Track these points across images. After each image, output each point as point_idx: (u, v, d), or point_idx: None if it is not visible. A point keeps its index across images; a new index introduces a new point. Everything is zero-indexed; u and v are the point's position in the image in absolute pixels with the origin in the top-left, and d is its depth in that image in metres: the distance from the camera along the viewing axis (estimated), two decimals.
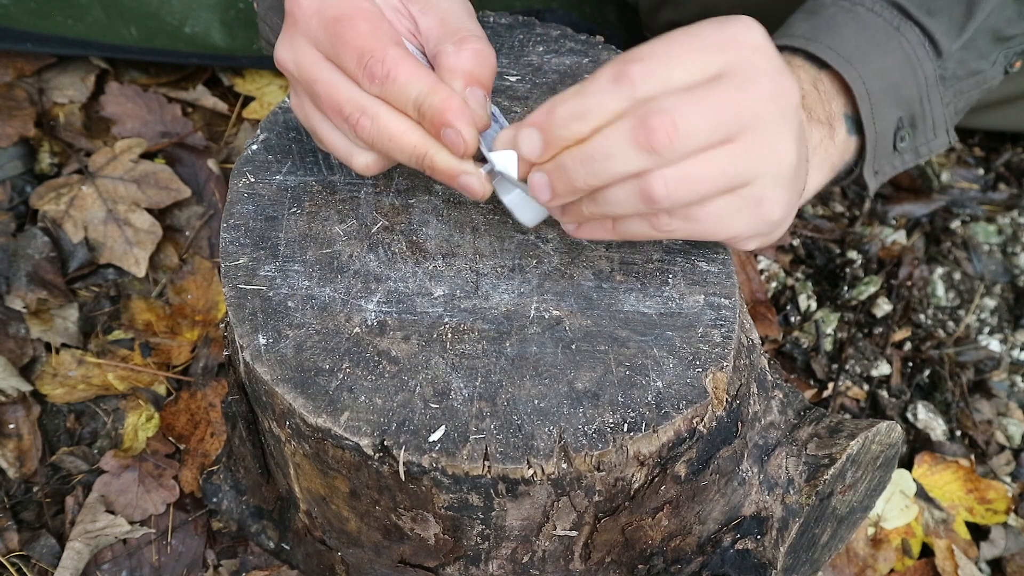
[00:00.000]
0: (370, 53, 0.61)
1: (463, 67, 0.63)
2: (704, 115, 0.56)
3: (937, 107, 0.79)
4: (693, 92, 0.56)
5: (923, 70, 0.77)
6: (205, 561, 1.03)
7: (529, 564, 0.75)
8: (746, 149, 0.58)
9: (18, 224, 1.22)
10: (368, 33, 0.62)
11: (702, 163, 0.57)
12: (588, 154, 0.58)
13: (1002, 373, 1.26)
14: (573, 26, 0.92)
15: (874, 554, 1.09)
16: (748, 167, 0.59)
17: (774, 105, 0.58)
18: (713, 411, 0.67)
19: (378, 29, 0.62)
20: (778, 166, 0.60)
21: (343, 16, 0.62)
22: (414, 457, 0.63)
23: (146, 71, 1.38)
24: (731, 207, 0.60)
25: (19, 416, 1.08)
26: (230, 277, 0.71)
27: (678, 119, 0.55)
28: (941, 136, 0.81)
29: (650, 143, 0.55)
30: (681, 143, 0.56)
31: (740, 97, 0.57)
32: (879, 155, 0.78)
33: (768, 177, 0.60)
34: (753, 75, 0.57)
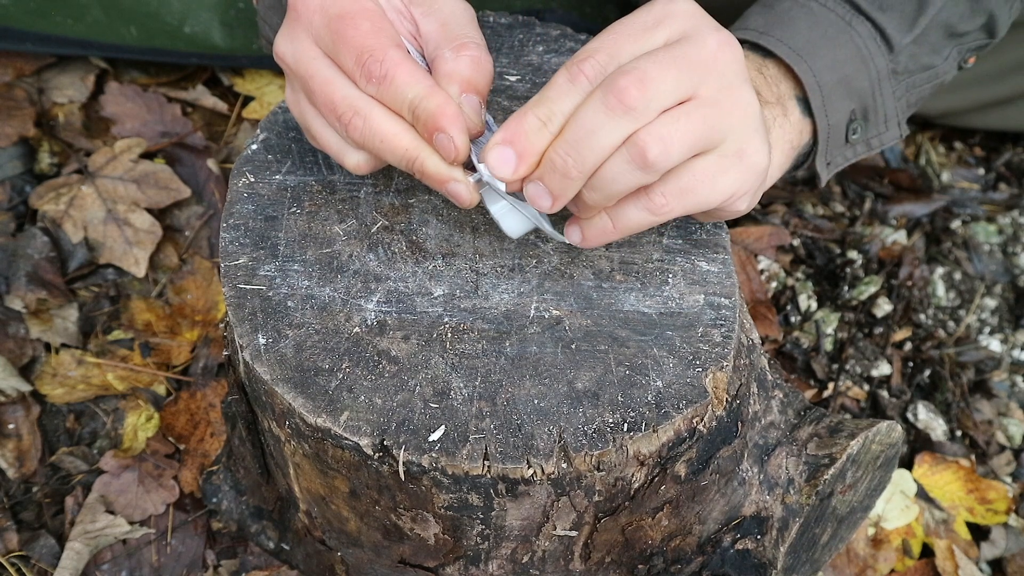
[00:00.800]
0: (369, 52, 0.62)
1: (460, 73, 0.63)
2: (663, 69, 0.57)
3: (889, 100, 0.80)
4: (652, 54, 0.58)
5: (875, 64, 0.78)
6: (205, 561, 1.03)
7: (529, 564, 0.75)
8: (713, 102, 0.60)
9: (18, 224, 1.22)
10: (369, 32, 0.62)
11: (679, 118, 0.58)
12: (571, 140, 0.59)
13: (1002, 373, 1.26)
14: (573, 26, 0.92)
15: (874, 554, 1.09)
16: (720, 118, 0.60)
17: (724, 56, 0.60)
18: (713, 411, 0.67)
19: (380, 29, 0.62)
20: (746, 113, 0.61)
21: (346, 14, 0.62)
22: (414, 457, 0.63)
23: (146, 71, 1.38)
24: (716, 166, 0.61)
25: (19, 416, 1.08)
26: (230, 277, 0.71)
27: (642, 73, 0.57)
28: (893, 129, 0.82)
29: (624, 102, 0.57)
30: (652, 94, 0.57)
31: (691, 52, 0.59)
32: (831, 146, 0.79)
33: (741, 127, 0.61)
34: (697, 35, 0.60)
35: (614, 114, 0.57)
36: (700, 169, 0.61)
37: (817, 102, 0.75)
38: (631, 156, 0.58)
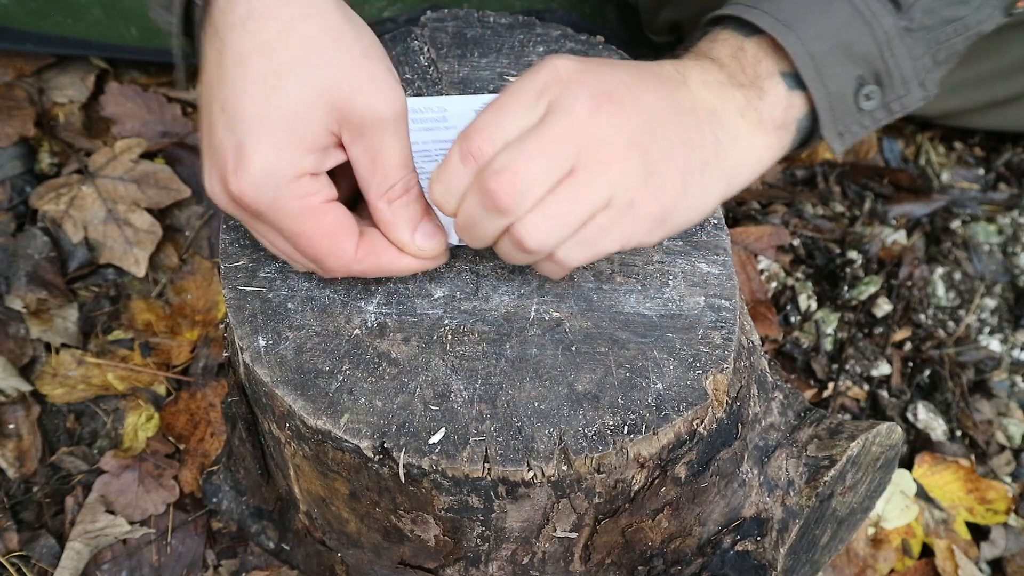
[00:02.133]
0: (336, 270, 0.66)
1: (402, 219, 0.65)
2: (535, 159, 0.59)
3: (905, 61, 0.76)
4: (523, 141, 0.60)
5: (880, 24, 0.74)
6: (205, 561, 1.03)
7: (529, 565, 0.75)
8: (592, 170, 0.61)
9: (18, 224, 1.22)
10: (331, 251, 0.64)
11: (556, 202, 0.60)
12: (462, 225, 0.63)
13: (1002, 373, 1.26)
14: (573, 26, 0.92)
15: (874, 554, 1.09)
16: (600, 185, 0.61)
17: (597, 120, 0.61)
18: (713, 413, 0.67)
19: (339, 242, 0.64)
20: (630, 168, 0.62)
21: (300, 233, 0.63)
22: (414, 459, 0.63)
23: (146, 71, 1.38)
24: (608, 220, 0.63)
25: (19, 416, 1.08)
26: (230, 279, 0.71)
27: (513, 174, 0.59)
28: (915, 90, 0.78)
29: (496, 205, 0.59)
30: (525, 193, 0.59)
31: (562, 127, 0.60)
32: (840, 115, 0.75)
33: (626, 183, 0.62)
34: (569, 103, 0.61)
35: (490, 213, 0.61)
36: (592, 227, 0.62)
37: (809, 72, 0.72)
38: (513, 244, 0.62)
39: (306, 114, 0.61)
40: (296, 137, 0.61)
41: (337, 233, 0.64)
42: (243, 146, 0.60)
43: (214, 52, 0.62)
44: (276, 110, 0.60)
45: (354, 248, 0.65)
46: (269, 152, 0.60)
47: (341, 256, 0.64)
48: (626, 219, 0.63)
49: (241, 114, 0.60)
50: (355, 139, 0.63)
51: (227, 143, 0.61)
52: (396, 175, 0.64)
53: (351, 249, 0.64)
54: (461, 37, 0.88)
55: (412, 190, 0.66)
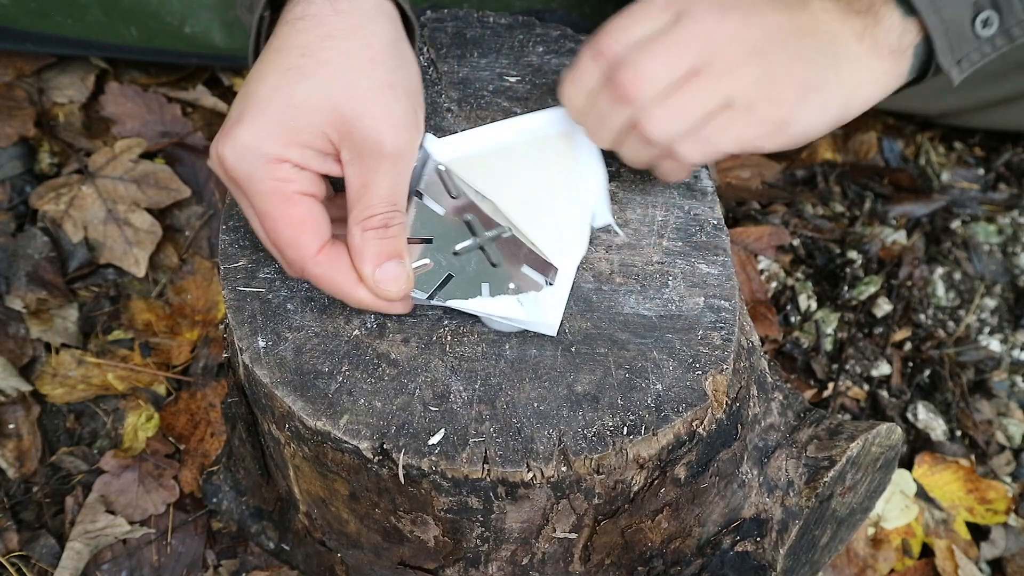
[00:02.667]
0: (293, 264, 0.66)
1: (368, 251, 0.65)
2: (661, 56, 0.66)
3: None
4: (651, 40, 0.66)
5: None
6: (205, 561, 1.03)
7: (529, 566, 0.75)
8: (713, 74, 0.66)
9: (18, 224, 1.22)
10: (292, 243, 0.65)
11: (678, 96, 0.66)
12: (593, 121, 0.70)
13: (1002, 373, 1.26)
14: (573, 26, 0.91)
15: (874, 554, 1.09)
16: (721, 86, 0.67)
17: (722, 30, 0.67)
18: (713, 414, 0.67)
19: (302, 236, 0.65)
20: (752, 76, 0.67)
21: (266, 213, 0.65)
22: (413, 460, 0.63)
23: (146, 71, 1.38)
24: (726, 120, 0.68)
25: (19, 416, 1.08)
26: (229, 279, 0.71)
27: (640, 68, 0.65)
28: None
29: (624, 95, 0.66)
30: (649, 86, 0.65)
31: (687, 33, 0.66)
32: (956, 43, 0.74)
33: (747, 87, 0.67)
34: (696, 11, 0.67)
35: (617, 105, 0.67)
36: (711, 125, 0.67)
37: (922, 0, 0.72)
38: (637, 137, 0.68)
39: (307, 113, 0.64)
40: (289, 127, 0.64)
41: (303, 225, 0.65)
42: (240, 117, 0.64)
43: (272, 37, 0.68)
44: (281, 99, 0.64)
45: (315, 249, 0.65)
46: (258, 129, 0.64)
47: (299, 250, 0.65)
48: (744, 121, 0.68)
49: (253, 93, 0.65)
50: (352, 159, 0.65)
51: (232, 113, 0.65)
52: (380, 207, 0.65)
53: (311, 247, 0.65)
54: (461, 37, 0.88)
55: (391, 228, 0.66)
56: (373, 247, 0.65)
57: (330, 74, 0.65)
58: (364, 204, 0.65)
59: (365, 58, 0.66)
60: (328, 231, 0.66)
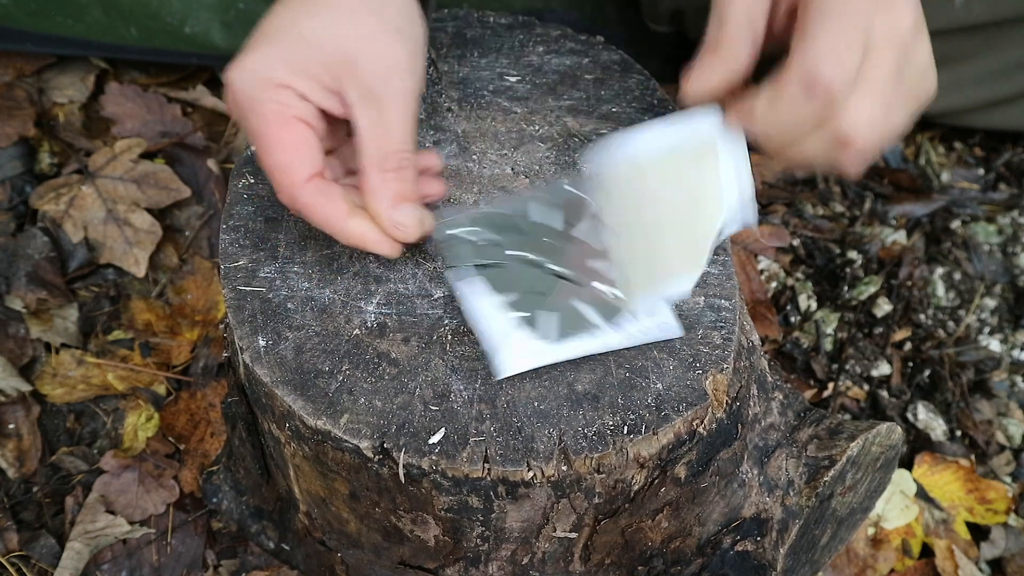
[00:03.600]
0: (282, 188, 0.66)
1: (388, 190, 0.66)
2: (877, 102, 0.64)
3: None
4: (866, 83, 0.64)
5: None
6: (205, 561, 1.03)
7: (529, 566, 0.75)
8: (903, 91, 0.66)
9: (18, 224, 1.22)
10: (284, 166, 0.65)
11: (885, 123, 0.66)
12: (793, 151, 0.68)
13: (1002, 373, 1.26)
14: (573, 26, 0.91)
15: (874, 554, 1.09)
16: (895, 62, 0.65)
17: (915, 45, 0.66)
18: (713, 413, 0.67)
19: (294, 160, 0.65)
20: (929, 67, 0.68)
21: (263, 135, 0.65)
22: (414, 459, 0.63)
23: (146, 71, 1.38)
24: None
25: (19, 416, 1.08)
26: (230, 279, 0.71)
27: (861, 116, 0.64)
28: None
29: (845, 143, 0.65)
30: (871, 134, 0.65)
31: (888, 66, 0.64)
32: None
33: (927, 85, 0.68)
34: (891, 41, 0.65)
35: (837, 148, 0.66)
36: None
37: None
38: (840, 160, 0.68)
39: (316, 46, 0.65)
40: (296, 57, 0.65)
41: (296, 149, 0.65)
42: (252, 45, 0.66)
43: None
44: (291, 31, 0.66)
45: (306, 175, 0.65)
46: (267, 55, 0.65)
47: (290, 174, 0.65)
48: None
49: (265, 26, 0.67)
50: (359, 99, 0.65)
51: (247, 43, 0.67)
52: (395, 146, 0.66)
53: (303, 172, 0.65)
54: (461, 37, 0.88)
55: (406, 171, 0.66)
56: (391, 188, 0.65)
57: (337, 14, 0.66)
58: (378, 144, 0.66)
59: (375, 4, 0.68)
60: (320, 163, 0.66)
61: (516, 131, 0.81)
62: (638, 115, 0.82)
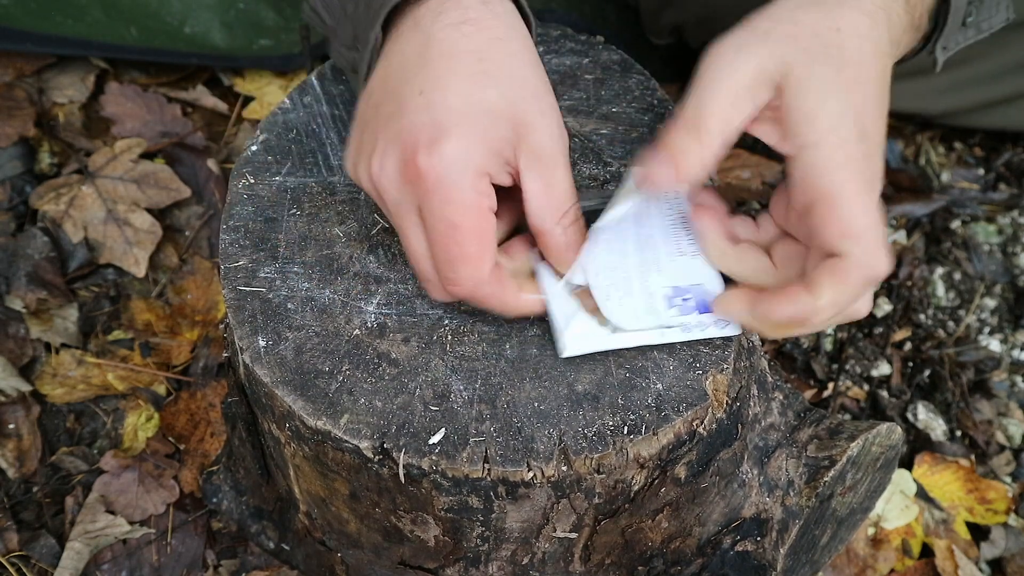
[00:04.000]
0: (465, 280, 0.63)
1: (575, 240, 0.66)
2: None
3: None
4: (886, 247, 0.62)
5: None
6: (205, 561, 1.03)
7: (529, 566, 0.75)
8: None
9: (18, 224, 1.22)
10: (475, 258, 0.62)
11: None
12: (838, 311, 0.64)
13: (1002, 373, 1.26)
14: (573, 26, 0.91)
15: (874, 554, 1.09)
16: None
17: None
18: (713, 413, 0.67)
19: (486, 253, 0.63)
20: None
21: (459, 226, 0.61)
22: (414, 460, 0.63)
23: (146, 71, 1.38)
24: None
25: (19, 416, 1.08)
26: (230, 279, 0.71)
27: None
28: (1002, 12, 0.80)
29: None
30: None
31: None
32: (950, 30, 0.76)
33: None
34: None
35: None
36: None
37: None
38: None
39: (498, 120, 0.62)
40: (489, 136, 0.62)
41: (486, 244, 0.63)
42: (444, 128, 0.61)
43: (415, 44, 0.65)
44: (477, 106, 0.62)
45: (491, 266, 0.63)
46: (468, 139, 0.61)
47: (478, 267, 0.63)
48: None
49: (443, 101, 0.62)
50: (531, 164, 0.63)
51: (423, 122, 0.61)
52: (568, 202, 0.65)
53: (489, 263, 0.63)
54: None
55: (580, 220, 0.66)
56: (574, 239, 0.65)
57: (510, 78, 0.64)
58: (556, 203, 0.64)
59: (529, 59, 0.66)
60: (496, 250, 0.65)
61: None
62: (638, 115, 0.82)
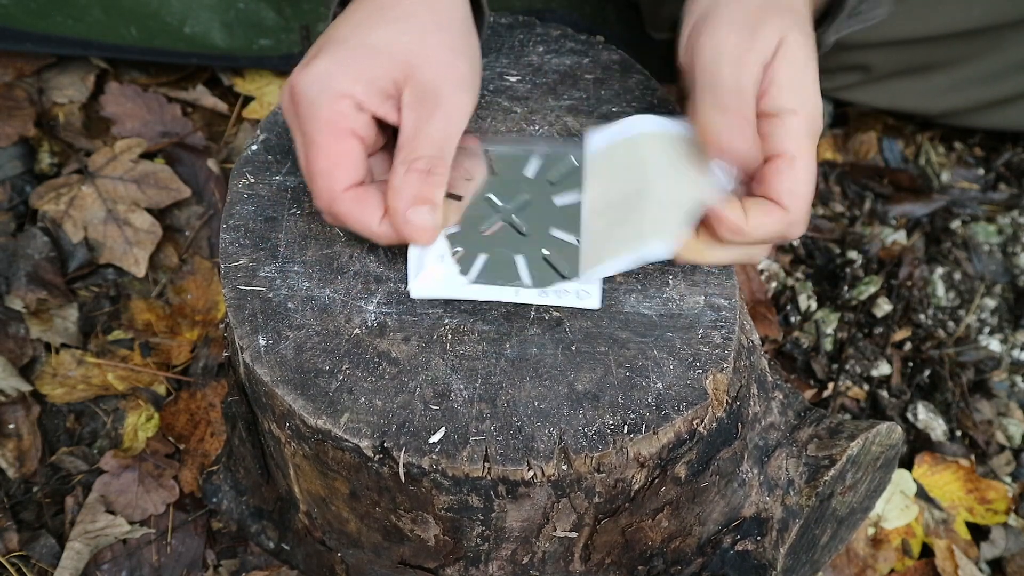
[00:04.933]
0: (321, 194, 0.67)
1: (407, 190, 0.66)
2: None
3: None
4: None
5: None
6: (205, 561, 1.03)
7: (529, 565, 0.75)
8: None
9: (18, 224, 1.22)
10: (326, 173, 0.66)
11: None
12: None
13: (1002, 373, 1.26)
14: (573, 26, 0.91)
15: (874, 554, 1.09)
16: None
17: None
18: (713, 413, 0.67)
19: (337, 170, 0.66)
20: None
21: (313, 142, 0.66)
22: (414, 459, 0.63)
23: (146, 71, 1.38)
24: None
25: (19, 416, 1.08)
26: (230, 278, 0.71)
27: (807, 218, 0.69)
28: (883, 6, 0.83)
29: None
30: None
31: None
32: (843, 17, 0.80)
33: None
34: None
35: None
36: None
37: None
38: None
39: (379, 54, 0.68)
40: (359, 64, 0.67)
41: (341, 160, 0.66)
42: (318, 53, 0.68)
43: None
44: (358, 40, 0.68)
45: (345, 184, 0.66)
46: (332, 63, 0.67)
47: (331, 183, 0.66)
48: None
49: (335, 33, 0.70)
50: (410, 103, 0.68)
51: (311, 50, 0.69)
52: (427, 152, 0.67)
53: (342, 182, 0.66)
54: None
55: (432, 176, 0.67)
56: (413, 188, 0.66)
57: (404, 26, 0.69)
58: (412, 147, 0.67)
59: (433, 20, 0.70)
60: (362, 174, 0.68)
61: (516, 131, 0.81)
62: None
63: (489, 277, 0.70)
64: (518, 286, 0.69)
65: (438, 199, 0.67)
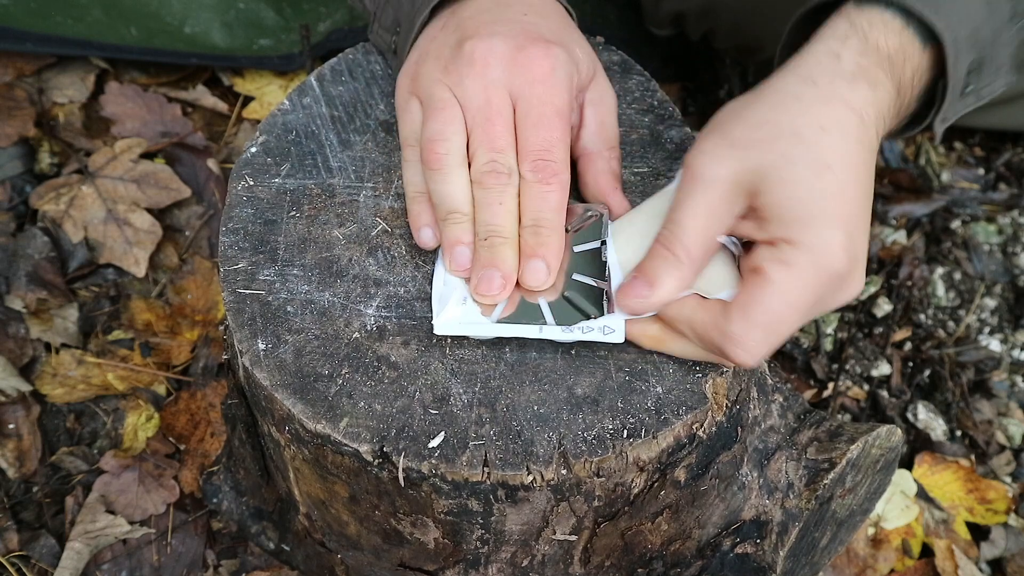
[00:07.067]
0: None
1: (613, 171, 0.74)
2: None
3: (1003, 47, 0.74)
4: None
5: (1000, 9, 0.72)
6: (205, 561, 1.03)
7: (528, 568, 0.75)
8: None
9: (18, 224, 1.22)
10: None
11: None
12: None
13: (1002, 373, 1.26)
14: None
15: (874, 554, 1.09)
16: None
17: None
18: (713, 416, 0.67)
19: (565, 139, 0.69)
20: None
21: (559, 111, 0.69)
22: (413, 463, 0.63)
23: (146, 71, 1.37)
24: None
25: (19, 416, 1.08)
26: (229, 281, 0.71)
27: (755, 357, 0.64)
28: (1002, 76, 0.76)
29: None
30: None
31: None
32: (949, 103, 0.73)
33: None
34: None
35: None
36: None
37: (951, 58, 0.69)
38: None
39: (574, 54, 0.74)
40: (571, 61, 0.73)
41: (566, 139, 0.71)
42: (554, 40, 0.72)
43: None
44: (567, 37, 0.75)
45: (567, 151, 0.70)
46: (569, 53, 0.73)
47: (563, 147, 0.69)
48: None
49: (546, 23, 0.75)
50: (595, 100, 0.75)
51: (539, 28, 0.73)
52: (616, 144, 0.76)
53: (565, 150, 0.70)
54: None
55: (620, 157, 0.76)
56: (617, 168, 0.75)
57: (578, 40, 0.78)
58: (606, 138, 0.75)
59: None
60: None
61: None
62: (638, 116, 0.82)
63: (513, 318, 0.67)
64: (542, 324, 0.67)
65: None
